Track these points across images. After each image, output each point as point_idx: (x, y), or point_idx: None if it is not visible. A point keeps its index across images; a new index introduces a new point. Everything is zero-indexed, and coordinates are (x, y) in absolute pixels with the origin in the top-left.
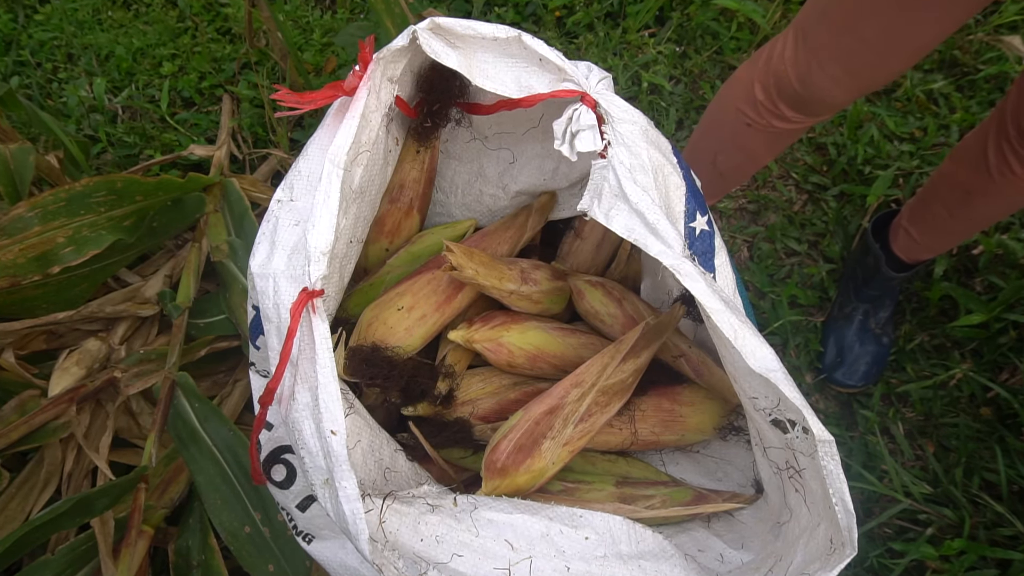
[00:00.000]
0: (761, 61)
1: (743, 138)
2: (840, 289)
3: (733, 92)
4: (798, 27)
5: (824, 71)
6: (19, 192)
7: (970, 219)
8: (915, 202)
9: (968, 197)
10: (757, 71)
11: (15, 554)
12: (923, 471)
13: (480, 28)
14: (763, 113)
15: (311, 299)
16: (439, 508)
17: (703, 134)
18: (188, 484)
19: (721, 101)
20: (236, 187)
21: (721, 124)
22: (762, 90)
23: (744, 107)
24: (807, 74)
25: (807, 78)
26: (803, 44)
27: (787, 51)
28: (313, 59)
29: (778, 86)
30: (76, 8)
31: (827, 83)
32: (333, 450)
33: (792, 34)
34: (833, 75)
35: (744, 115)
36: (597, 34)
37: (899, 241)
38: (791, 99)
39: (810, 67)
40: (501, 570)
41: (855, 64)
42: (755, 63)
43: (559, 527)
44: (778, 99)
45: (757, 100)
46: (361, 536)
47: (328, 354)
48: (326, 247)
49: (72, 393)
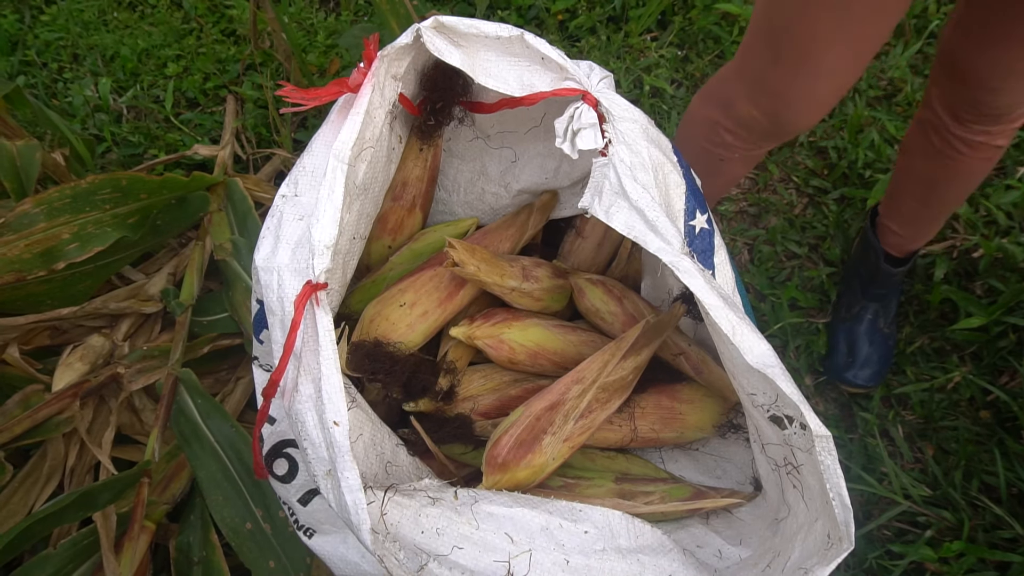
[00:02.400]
0: (718, 107)
1: (718, 168)
2: (844, 290)
3: (697, 133)
4: (749, 77)
5: (791, 108)
6: (25, 189)
7: (942, 203)
8: (886, 200)
9: (932, 184)
10: (721, 119)
11: (18, 548)
12: (922, 473)
13: (483, 27)
14: (737, 150)
15: (315, 292)
16: (440, 501)
17: None
18: (190, 480)
19: (688, 143)
20: (240, 186)
21: (692, 161)
22: (732, 136)
23: (714, 148)
24: (776, 114)
25: (777, 117)
26: (762, 91)
27: (745, 102)
28: (317, 60)
29: (749, 128)
30: (82, 9)
31: (798, 116)
32: (336, 441)
33: (745, 85)
34: (801, 108)
35: (716, 154)
36: (599, 38)
37: (887, 238)
38: (764, 135)
39: (776, 109)
40: (501, 563)
41: (820, 92)
42: (709, 102)
43: (559, 521)
44: (751, 138)
45: (728, 143)
46: (363, 526)
47: (331, 346)
48: (330, 241)
49: (75, 388)
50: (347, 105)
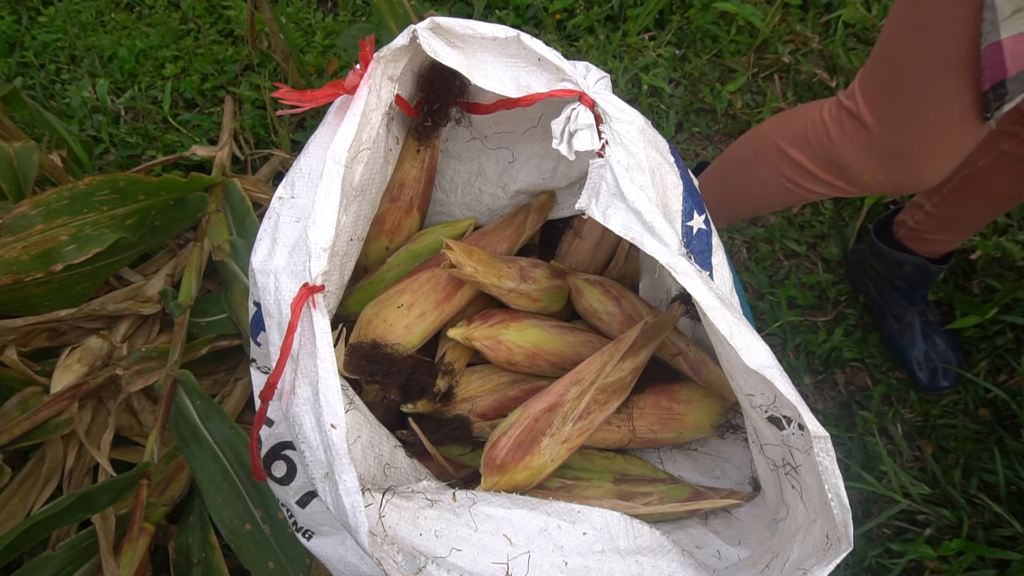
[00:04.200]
0: (810, 142)
1: (784, 200)
2: (882, 308)
3: (772, 162)
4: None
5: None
6: (23, 190)
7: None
8: (937, 212)
9: (1015, 199)
10: (812, 154)
11: (17, 550)
12: (922, 472)
13: (479, 28)
14: (817, 188)
15: (312, 294)
16: (438, 503)
17: (730, 193)
18: (189, 482)
19: (757, 168)
20: (238, 187)
21: (757, 191)
22: (823, 177)
23: (796, 190)
24: (898, 178)
25: (897, 180)
26: (886, 156)
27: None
28: (315, 61)
29: (865, 188)
30: (79, 10)
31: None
32: (333, 443)
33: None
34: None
35: (796, 195)
36: (597, 37)
37: (927, 246)
38: (863, 187)
39: (901, 173)
40: (500, 564)
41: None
42: (791, 134)
43: (557, 522)
44: (838, 181)
45: (817, 193)
46: (361, 528)
47: (328, 349)
48: (327, 243)
49: (74, 390)
50: (343, 107)
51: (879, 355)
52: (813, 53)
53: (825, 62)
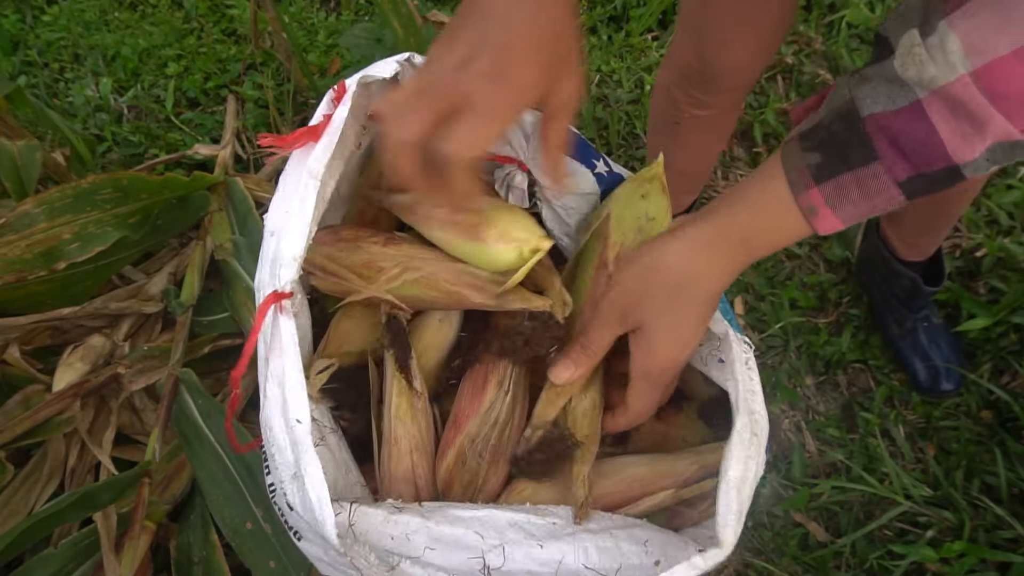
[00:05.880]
0: (666, 66)
1: (675, 132)
2: (884, 310)
3: (656, 99)
4: (684, 23)
5: (720, 50)
6: (26, 188)
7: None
8: (886, 216)
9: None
10: (667, 74)
11: (19, 547)
12: (923, 474)
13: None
14: (684, 107)
15: (279, 300)
16: (407, 509)
17: (652, 145)
18: (190, 480)
19: (652, 113)
20: (240, 186)
21: (659, 129)
22: (676, 88)
23: (668, 108)
24: (702, 52)
25: (704, 55)
26: (694, 33)
27: (680, 47)
28: (318, 60)
29: (685, 75)
30: (83, 9)
31: (721, 52)
32: (298, 438)
33: (682, 29)
34: (723, 42)
35: (671, 115)
36: (600, 37)
37: (900, 249)
38: (699, 83)
39: (701, 47)
40: (475, 559)
41: (742, 32)
42: (663, 67)
43: (526, 516)
44: (689, 88)
45: (675, 99)
46: (327, 521)
47: (294, 348)
48: (296, 253)
49: (76, 388)
50: (324, 123)
51: (881, 356)
52: (816, 54)
53: (828, 63)
